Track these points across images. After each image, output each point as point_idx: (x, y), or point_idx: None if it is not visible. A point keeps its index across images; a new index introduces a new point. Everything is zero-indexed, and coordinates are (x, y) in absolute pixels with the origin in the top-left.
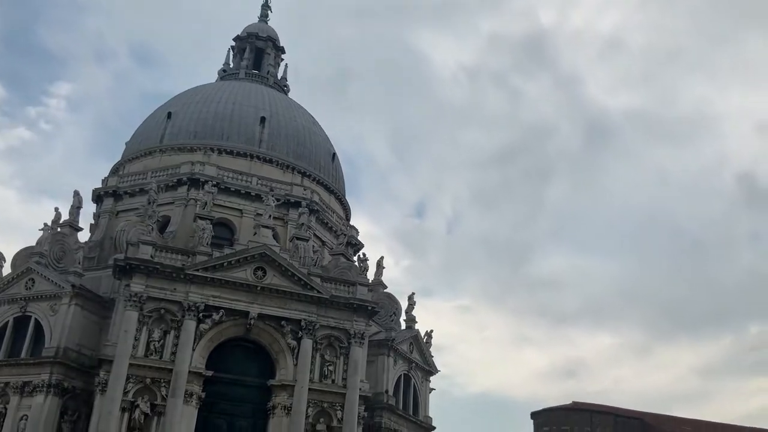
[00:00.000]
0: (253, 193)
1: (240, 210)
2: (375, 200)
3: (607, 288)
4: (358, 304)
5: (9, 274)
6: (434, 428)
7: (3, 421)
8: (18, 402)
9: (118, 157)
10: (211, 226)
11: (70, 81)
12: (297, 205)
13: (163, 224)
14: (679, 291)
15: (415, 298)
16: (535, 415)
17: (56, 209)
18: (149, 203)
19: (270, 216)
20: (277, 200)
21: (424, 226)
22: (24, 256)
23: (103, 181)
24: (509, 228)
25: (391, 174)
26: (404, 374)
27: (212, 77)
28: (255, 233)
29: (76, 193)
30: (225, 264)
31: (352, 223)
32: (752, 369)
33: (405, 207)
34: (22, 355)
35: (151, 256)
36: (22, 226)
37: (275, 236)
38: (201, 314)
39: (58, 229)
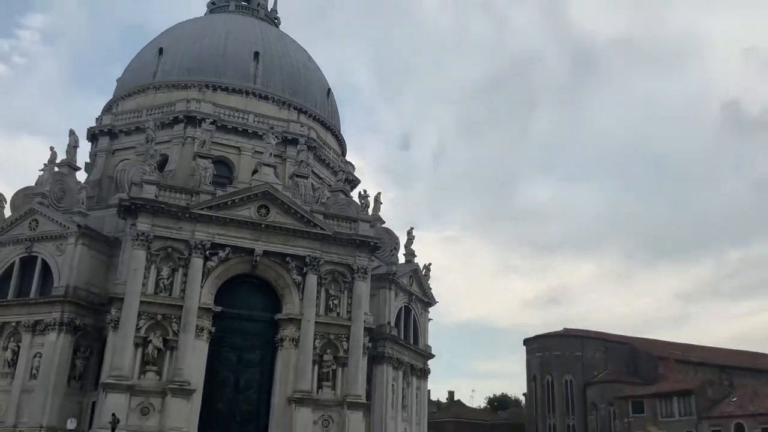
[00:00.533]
0: (250, 131)
1: (238, 148)
2: (359, 132)
3: (590, 217)
4: (360, 240)
5: (12, 215)
6: (433, 356)
7: (17, 359)
8: (30, 340)
9: (97, 92)
10: (212, 165)
11: (43, 12)
12: (295, 142)
13: (161, 163)
14: (661, 218)
15: (401, 230)
16: (527, 342)
17: (52, 148)
18: (148, 142)
19: (271, 154)
20: (276, 138)
21: (409, 158)
22: (23, 196)
23: (97, 119)
24: (495, 159)
25: (376, 106)
26: (405, 306)
27: (196, 10)
28: (255, 171)
29: (72, 132)
30: (229, 203)
31: (347, 158)
32: (733, 294)
33: (390, 139)
34: (31, 294)
35: (156, 196)
36: (2, 163)
37: (275, 174)
38: (207, 252)
39: (56, 169)
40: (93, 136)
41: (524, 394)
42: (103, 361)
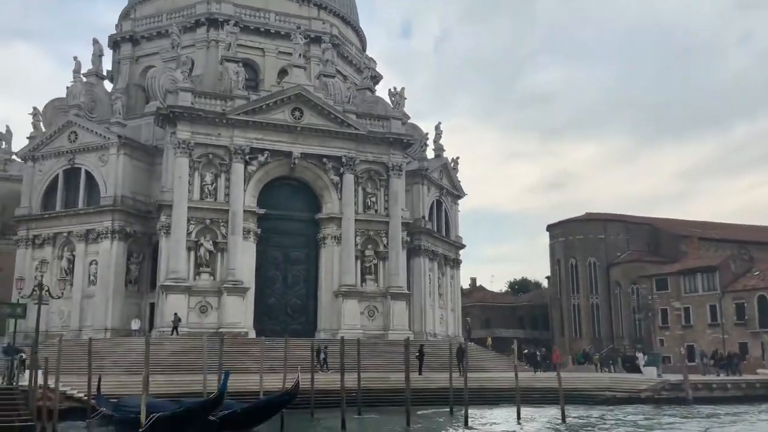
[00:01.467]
0: (272, 30)
1: (261, 49)
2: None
3: (595, 98)
4: (394, 137)
5: (49, 129)
6: (464, 246)
7: (73, 267)
8: (84, 248)
9: None
10: (243, 69)
11: None
12: (318, 40)
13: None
14: (665, 96)
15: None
16: (550, 228)
17: (75, 58)
18: (173, 48)
19: (300, 55)
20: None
21: (411, 46)
22: (54, 108)
23: (116, 26)
24: (499, 44)
25: None
26: (436, 200)
27: None
28: (281, 72)
29: (96, 41)
30: (263, 107)
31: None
32: (738, 168)
33: (391, 27)
34: (80, 205)
35: (192, 103)
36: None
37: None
38: (247, 157)
39: (84, 79)
40: (115, 43)
41: (547, 277)
42: (156, 265)
